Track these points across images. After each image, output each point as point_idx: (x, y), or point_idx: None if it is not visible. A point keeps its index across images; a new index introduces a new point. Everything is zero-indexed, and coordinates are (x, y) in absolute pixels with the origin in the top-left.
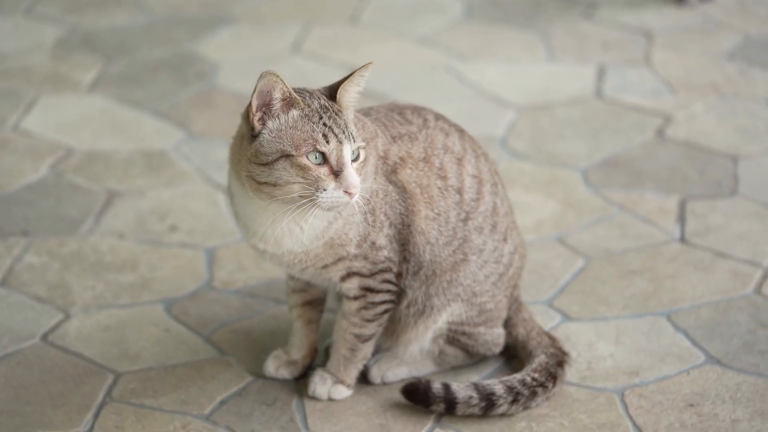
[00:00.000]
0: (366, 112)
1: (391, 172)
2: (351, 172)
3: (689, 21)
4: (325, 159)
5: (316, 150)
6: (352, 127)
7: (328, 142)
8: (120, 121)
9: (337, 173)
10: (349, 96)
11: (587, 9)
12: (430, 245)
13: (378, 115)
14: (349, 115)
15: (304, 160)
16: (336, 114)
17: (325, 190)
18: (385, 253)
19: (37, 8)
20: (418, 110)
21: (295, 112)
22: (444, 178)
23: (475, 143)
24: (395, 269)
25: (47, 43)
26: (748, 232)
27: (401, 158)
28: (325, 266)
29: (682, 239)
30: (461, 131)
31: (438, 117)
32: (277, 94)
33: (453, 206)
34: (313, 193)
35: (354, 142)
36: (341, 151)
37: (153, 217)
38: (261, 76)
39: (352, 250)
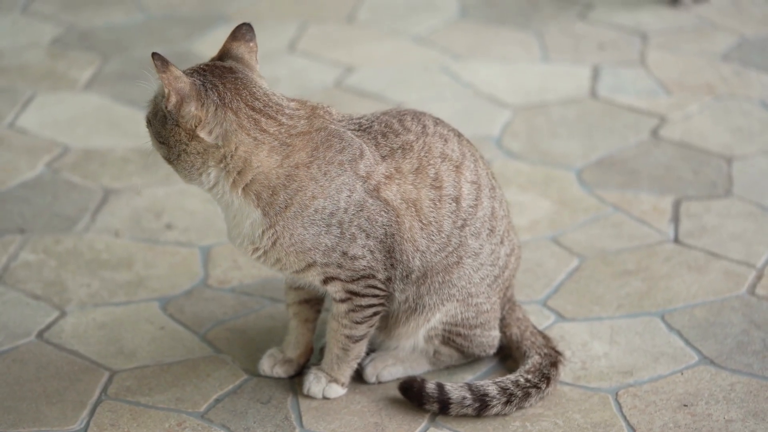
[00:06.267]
0: (369, 123)
1: (373, 190)
2: None
3: (684, 22)
4: None
5: None
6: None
7: None
8: (116, 119)
9: None
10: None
11: (582, 9)
12: (420, 252)
13: (379, 127)
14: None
15: None
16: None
17: None
18: (364, 262)
19: (34, 6)
20: (417, 116)
21: None
22: (438, 188)
23: (473, 147)
24: (380, 275)
25: (44, 41)
26: (742, 232)
27: (387, 176)
28: (297, 271)
29: (677, 239)
30: (459, 136)
31: (437, 122)
32: None
33: (448, 215)
34: None
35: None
36: None
37: (148, 215)
38: None
39: (319, 258)
